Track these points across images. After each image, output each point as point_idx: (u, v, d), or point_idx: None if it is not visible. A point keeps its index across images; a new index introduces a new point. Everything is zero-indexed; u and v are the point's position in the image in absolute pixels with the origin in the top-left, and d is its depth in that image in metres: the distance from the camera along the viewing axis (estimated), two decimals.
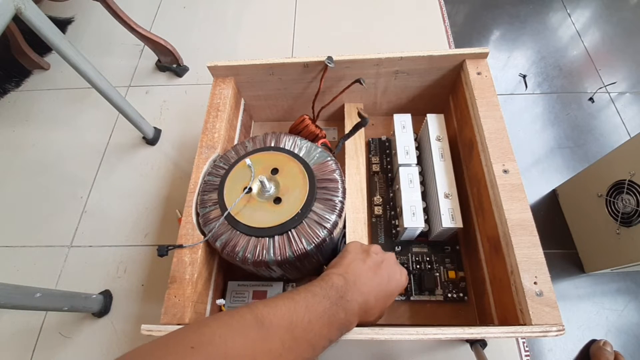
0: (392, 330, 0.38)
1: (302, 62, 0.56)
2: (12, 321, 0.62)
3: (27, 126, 0.85)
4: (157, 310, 0.41)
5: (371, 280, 0.35)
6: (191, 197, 0.48)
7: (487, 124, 0.49)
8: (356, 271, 0.35)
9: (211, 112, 0.55)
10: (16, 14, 0.48)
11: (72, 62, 0.57)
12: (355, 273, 0.35)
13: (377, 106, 0.67)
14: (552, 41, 0.89)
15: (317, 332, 0.28)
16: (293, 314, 0.27)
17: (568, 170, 0.71)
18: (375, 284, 0.35)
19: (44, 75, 0.92)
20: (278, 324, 0.26)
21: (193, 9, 1.02)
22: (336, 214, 0.43)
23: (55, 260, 0.67)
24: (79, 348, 0.60)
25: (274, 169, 0.46)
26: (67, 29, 1.00)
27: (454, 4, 0.98)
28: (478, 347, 0.53)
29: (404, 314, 0.54)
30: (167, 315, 0.41)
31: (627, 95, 0.80)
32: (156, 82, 0.89)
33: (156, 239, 0.68)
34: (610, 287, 0.60)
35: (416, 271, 0.55)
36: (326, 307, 0.30)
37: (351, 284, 0.33)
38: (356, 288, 0.33)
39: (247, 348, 0.24)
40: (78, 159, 0.79)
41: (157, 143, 0.79)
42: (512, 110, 0.80)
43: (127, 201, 0.72)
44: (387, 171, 0.64)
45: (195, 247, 0.44)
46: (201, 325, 0.25)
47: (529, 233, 0.41)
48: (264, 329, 0.26)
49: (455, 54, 0.55)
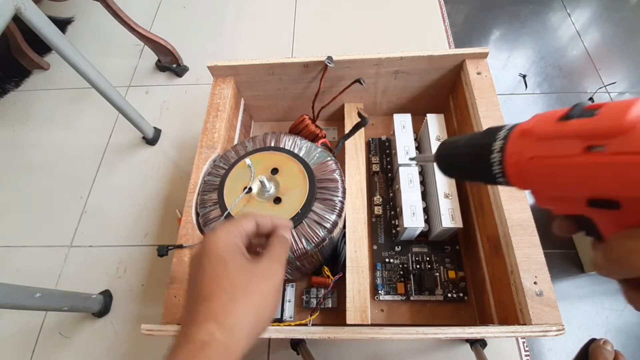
0: (392, 330, 0.38)
1: (302, 62, 0.56)
2: (12, 321, 0.62)
3: (27, 126, 0.85)
4: (157, 310, 0.41)
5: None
6: (191, 197, 0.48)
7: (487, 124, 0.49)
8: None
9: (211, 112, 0.55)
10: (16, 14, 0.48)
11: (72, 62, 0.57)
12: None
13: (377, 106, 0.67)
14: (552, 41, 0.89)
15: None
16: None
17: None
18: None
19: (44, 75, 0.92)
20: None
21: (193, 9, 1.02)
22: (336, 213, 0.43)
23: (55, 260, 0.67)
24: (79, 348, 0.60)
25: (274, 169, 0.46)
26: (67, 29, 1.00)
27: (454, 4, 0.98)
28: (478, 347, 0.53)
29: (404, 314, 0.54)
30: (167, 315, 0.41)
31: (627, 95, 0.80)
32: (156, 82, 0.89)
33: (156, 239, 0.68)
34: (610, 287, 0.60)
35: (416, 271, 0.55)
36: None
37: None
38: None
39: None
40: (78, 159, 0.79)
41: (157, 143, 0.79)
42: (512, 110, 0.80)
43: (127, 201, 0.72)
44: (387, 171, 0.64)
45: (195, 247, 0.44)
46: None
47: (529, 233, 0.41)
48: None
49: (455, 54, 0.55)
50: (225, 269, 0.23)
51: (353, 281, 0.46)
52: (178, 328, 0.22)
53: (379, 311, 0.54)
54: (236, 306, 0.22)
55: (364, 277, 0.46)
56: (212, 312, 0.21)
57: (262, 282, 0.24)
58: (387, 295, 0.54)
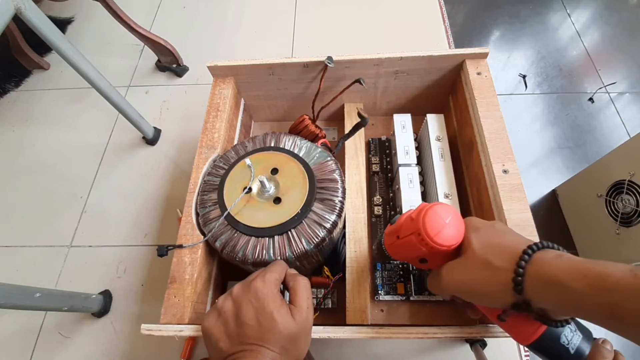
0: (392, 330, 0.38)
1: (302, 62, 0.56)
2: (12, 321, 0.62)
3: (27, 126, 0.85)
4: (157, 310, 0.41)
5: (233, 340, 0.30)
6: (191, 197, 0.48)
7: (487, 124, 0.49)
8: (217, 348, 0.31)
9: (211, 112, 0.55)
10: (16, 14, 0.48)
11: (72, 62, 0.57)
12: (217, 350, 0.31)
13: (377, 106, 0.67)
14: (552, 41, 0.89)
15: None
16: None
17: (568, 170, 0.71)
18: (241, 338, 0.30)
19: (44, 75, 0.92)
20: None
21: (193, 9, 1.02)
22: (336, 214, 0.43)
23: (55, 260, 0.67)
24: (79, 348, 0.60)
25: (274, 169, 0.46)
26: (67, 29, 1.00)
27: (454, 4, 0.98)
28: (478, 347, 0.53)
29: (404, 314, 0.54)
30: (167, 315, 0.41)
31: (627, 95, 0.80)
32: (156, 82, 0.89)
33: (156, 239, 0.68)
34: None
35: (416, 271, 0.55)
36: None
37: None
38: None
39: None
40: (78, 159, 0.79)
41: (157, 143, 0.79)
42: (512, 110, 0.80)
43: (127, 201, 0.73)
44: (387, 171, 0.64)
45: (195, 247, 0.44)
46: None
47: (529, 233, 0.41)
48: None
49: (455, 54, 0.55)
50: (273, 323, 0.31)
51: (353, 281, 0.46)
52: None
53: (379, 311, 0.54)
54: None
55: (364, 277, 0.46)
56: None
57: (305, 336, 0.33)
58: (387, 296, 0.54)
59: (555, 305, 0.24)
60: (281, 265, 0.37)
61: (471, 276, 0.28)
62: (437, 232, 0.29)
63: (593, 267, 0.22)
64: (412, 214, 0.31)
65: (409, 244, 0.31)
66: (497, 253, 0.27)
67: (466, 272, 0.28)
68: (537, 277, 0.24)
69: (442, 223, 0.29)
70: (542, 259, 0.24)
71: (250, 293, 0.32)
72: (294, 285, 0.35)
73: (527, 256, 0.25)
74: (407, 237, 0.31)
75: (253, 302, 0.31)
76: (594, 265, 0.22)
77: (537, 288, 0.24)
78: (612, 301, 0.20)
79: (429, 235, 0.29)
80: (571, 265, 0.23)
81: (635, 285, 0.20)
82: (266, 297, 0.32)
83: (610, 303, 0.20)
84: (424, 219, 0.29)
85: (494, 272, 0.26)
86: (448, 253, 0.30)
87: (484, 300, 0.28)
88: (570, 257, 0.24)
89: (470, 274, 0.28)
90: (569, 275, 0.22)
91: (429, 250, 0.30)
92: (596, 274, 0.21)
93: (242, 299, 0.32)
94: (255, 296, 0.32)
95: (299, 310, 0.32)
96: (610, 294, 0.20)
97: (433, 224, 0.29)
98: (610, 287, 0.20)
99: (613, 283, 0.20)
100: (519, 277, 0.24)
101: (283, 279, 0.36)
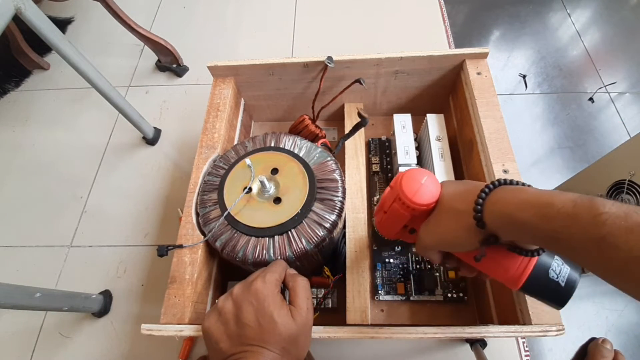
0: (392, 330, 0.38)
1: (302, 62, 0.56)
2: (12, 321, 0.62)
3: (27, 126, 0.85)
4: (157, 310, 0.41)
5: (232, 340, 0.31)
6: (191, 197, 0.48)
7: (487, 124, 0.49)
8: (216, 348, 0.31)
9: (211, 112, 0.55)
10: (16, 14, 0.48)
11: (72, 62, 0.57)
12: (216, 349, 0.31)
13: (377, 106, 0.67)
14: (552, 41, 0.89)
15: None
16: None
17: (568, 170, 0.71)
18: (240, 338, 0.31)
19: (44, 75, 0.92)
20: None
21: (193, 9, 1.02)
22: (336, 213, 0.43)
23: (55, 260, 0.67)
24: (79, 348, 0.60)
25: (274, 169, 0.46)
26: (67, 29, 1.00)
27: (454, 4, 0.98)
28: (478, 347, 0.53)
29: (404, 314, 0.54)
30: (167, 315, 0.41)
31: (627, 95, 0.80)
32: (156, 82, 0.89)
33: (156, 239, 0.68)
34: (610, 287, 0.59)
35: (416, 271, 0.55)
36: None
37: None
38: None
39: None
40: (78, 159, 0.79)
41: (157, 143, 0.79)
42: (512, 110, 0.80)
43: (127, 201, 0.72)
44: (387, 171, 0.64)
45: (195, 247, 0.44)
46: None
47: None
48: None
49: (455, 54, 0.55)
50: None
51: (353, 281, 0.46)
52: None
53: (379, 311, 0.54)
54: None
55: (364, 277, 0.46)
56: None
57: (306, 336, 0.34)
58: (387, 296, 0.54)
59: (512, 235, 0.26)
60: (281, 265, 0.37)
61: (443, 226, 0.30)
62: (415, 192, 0.31)
63: (541, 198, 0.23)
64: (391, 183, 0.34)
65: (393, 213, 0.33)
66: (461, 199, 0.29)
67: (439, 224, 0.30)
68: (494, 211, 0.26)
69: (418, 184, 0.31)
70: (499, 195, 0.26)
71: (250, 294, 0.32)
72: (293, 286, 0.35)
73: (484, 194, 0.27)
74: (390, 207, 0.33)
75: (253, 303, 0.32)
76: (542, 196, 0.24)
77: (495, 222, 0.26)
78: (552, 228, 0.22)
79: (407, 196, 0.31)
80: (522, 197, 0.24)
81: (573, 214, 0.21)
82: (266, 298, 0.32)
83: (551, 229, 0.22)
84: (401, 183, 0.31)
85: (459, 215, 0.28)
86: (429, 213, 0.32)
87: (457, 245, 0.30)
88: (526, 190, 0.25)
89: (442, 224, 0.30)
90: (519, 206, 0.24)
91: (410, 213, 0.32)
92: (543, 204, 0.23)
93: (243, 299, 0.32)
94: (255, 297, 0.32)
95: (299, 311, 0.33)
96: (551, 222, 0.22)
97: (410, 186, 0.31)
98: (552, 216, 0.22)
99: (555, 212, 0.22)
100: (478, 213, 0.26)
101: (283, 279, 0.36)
